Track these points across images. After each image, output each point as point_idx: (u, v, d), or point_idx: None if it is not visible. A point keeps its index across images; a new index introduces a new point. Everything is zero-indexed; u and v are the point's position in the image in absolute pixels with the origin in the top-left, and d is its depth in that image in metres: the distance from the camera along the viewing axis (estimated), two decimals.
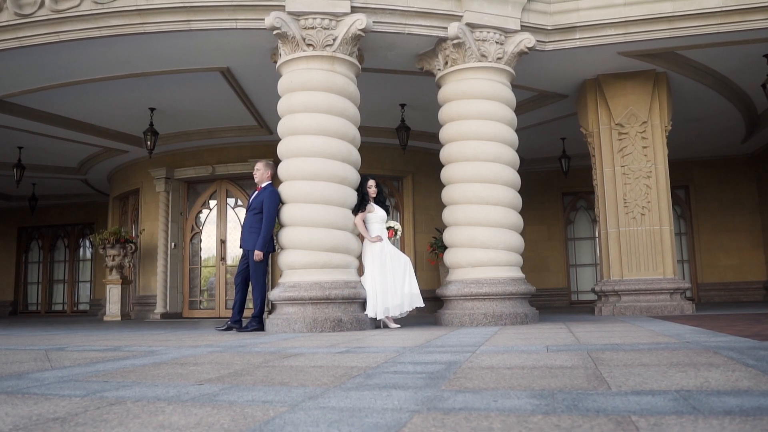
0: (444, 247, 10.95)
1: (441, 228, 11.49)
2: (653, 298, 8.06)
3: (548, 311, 10.54)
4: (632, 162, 8.35)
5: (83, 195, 16.52)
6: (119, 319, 11.61)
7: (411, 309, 6.48)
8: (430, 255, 11.12)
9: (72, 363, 3.40)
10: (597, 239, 14.52)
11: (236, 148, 11.58)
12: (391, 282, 6.38)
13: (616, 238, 8.32)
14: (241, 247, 6.76)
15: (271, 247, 6.63)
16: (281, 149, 6.54)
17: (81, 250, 18.19)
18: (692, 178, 13.74)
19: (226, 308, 11.46)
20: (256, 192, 6.77)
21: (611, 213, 8.41)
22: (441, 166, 7.25)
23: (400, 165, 11.81)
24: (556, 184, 14.01)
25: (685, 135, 11.39)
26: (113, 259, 11.78)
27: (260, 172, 6.75)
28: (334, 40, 6.51)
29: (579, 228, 14.71)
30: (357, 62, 6.80)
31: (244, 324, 6.55)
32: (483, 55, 6.98)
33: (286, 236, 6.36)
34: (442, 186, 7.25)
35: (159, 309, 11.69)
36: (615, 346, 3.66)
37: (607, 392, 2.11)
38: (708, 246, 13.65)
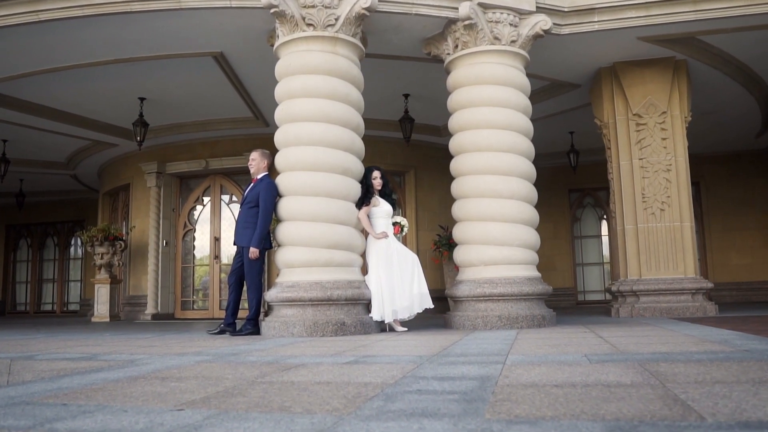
0: (448, 245, 10.56)
1: (445, 225, 11.09)
2: (674, 298, 7.59)
3: (559, 312, 10.04)
4: (651, 154, 7.87)
5: (73, 191, 15.99)
6: (108, 320, 11.08)
7: (420, 311, 5.98)
8: (433, 253, 10.63)
9: (34, 377, 2.90)
10: (603, 237, 14.15)
11: (231, 141, 11.06)
12: (398, 282, 5.88)
13: (634, 235, 7.84)
14: (235, 244, 6.25)
15: (267, 243, 6.13)
16: (279, 137, 6.03)
17: (71, 248, 17.64)
18: (703, 175, 13.26)
19: (220, 309, 10.94)
20: (252, 184, 6.26)
21: (629, 209, 7.93)
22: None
23: (401, 159, 11.31)
24: (562, 180, 13.53)
25: (698, 128, 10.90)
26: (102, 258, 11.24)
27: (256, 162, 6.25)
28: (336, 19, 6.01)
29: (586, 226, 14.26)
30: (361, 44, 6.30)
31: (238, 327, 6.05)
32: (496, 38, 6.49)
33: (284, 232, 5.86)
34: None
35: (150, 310, 11.17)
36: (665, 355, 3.17)
37: (704, 424, 1.62)
38: (719, 245, 13.20)
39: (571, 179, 13.29)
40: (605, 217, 14.16)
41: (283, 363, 3.29)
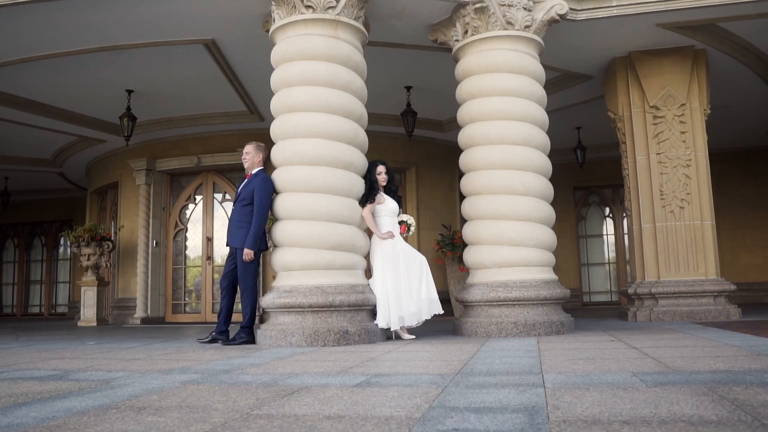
0: (452, 245, 10.11)
1: (448, 224, 10.63)
2: (695, 302, 7.15)
3: None
4: (669, 149, 7.44)
5: (60, 190, 15.45)
6: (95, 324, 10.56)
7: (429, 317, 5.51)
8: (436, 254, 10.16)
9: None
10: (609, 237, 13.72)
11: (223, 137, 10.56)
12: (405, 286, 5.40)
13: (652, 235, 7.40)
14: (228, 245, 5.76)
15: (263, 244, 5.63)
16: (275, 129, 5.55)
17: (60, 248, 17.08)
18: (713, 171, 12.79)
19: (213, 312, 10.46)
20: (246, 180, 5.77)
21: (645, 206, 7.48)
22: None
23: (402, 155, 10.82)
24: (567, 177, 13.04)
25: (709, 123, 10.45)
26: (88, 259, 10.72)
27: (250, 156, 5.76)
28: (338, 1, 5.53)
29: (590, 225, 13.83)
30: (363, 29, 5.82)
31: (231, 335, 5.57)
32: (509, 23, 6.03)
33: (281, 231, 5.38)
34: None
35: (139, 313, 10.66)
36: (729, 375, 2.72)
37: None
38: (729, 244, 12.78)
39: (577, 177, 12.85)
40: (611, 215, 13.75)
41: (282, 385, 2.82)
